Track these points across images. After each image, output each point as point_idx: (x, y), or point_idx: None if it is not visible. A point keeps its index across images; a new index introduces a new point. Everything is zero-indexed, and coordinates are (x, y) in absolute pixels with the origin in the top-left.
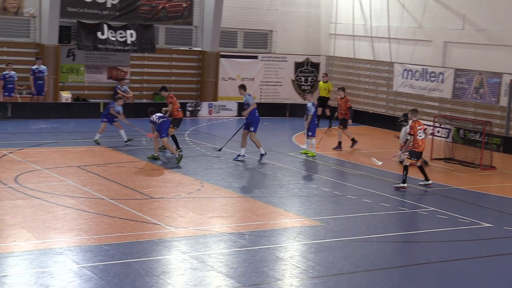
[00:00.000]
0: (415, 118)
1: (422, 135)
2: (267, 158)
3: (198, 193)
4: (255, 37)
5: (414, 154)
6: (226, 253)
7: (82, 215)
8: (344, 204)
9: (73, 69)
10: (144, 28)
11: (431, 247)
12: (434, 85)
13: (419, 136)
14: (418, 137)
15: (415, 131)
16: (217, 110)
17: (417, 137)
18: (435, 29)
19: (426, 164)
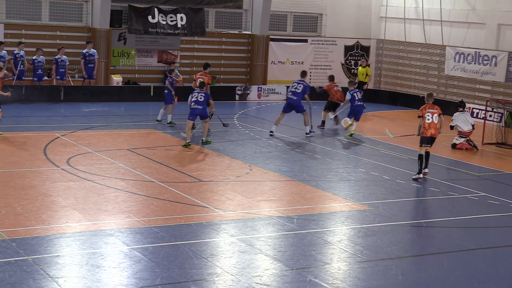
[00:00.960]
0: (431, 102)
1: (430, 118)
2: (316, 142)
3: (247, 177)
4: (304, 20)
5: (423, 139)
6: (274, 236)
7: (132, 198)
8: (394, 189)
9: (124, 52)
10: (194, 12)
11: (481, 233)
12: (486, 68)
13: (428, 120)
14: (426, 121)
15: (423, 113)
16: (266, 93)
17: (425, 120)
18: (489, 11)
19: (476, 148)
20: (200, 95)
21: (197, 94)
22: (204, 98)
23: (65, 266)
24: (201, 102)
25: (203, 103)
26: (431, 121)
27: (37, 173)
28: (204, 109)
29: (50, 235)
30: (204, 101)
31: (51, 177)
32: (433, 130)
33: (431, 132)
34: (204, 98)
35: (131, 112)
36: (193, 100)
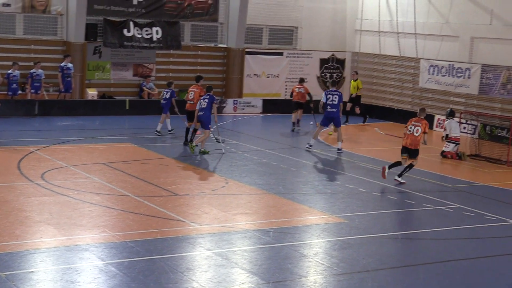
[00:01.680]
0: (421, 117)
1: (411, 130)
2: (292, 155)
3: (223, 190)
4: (280, 34)
5: (401, 149)
6: (250, 250)
7: (108, 212)
8: (369, 201)
9: (99, 66)
10: (169, 25)
11: (457, 245)
12: (460, 81)
13: (408, 131)
14: (407, 132)
15: (407, 124)
16: (242, 107)
17: (406, 131)
18: (462, 24)
19: (461, 159)
20: (203, 101)
21: (202, 100)
22: (207, 103)
23: (39, 282)
24: (203, 109)
25: (206, 109)
26: (410, 133)
27: (11, 188)
28: (206, 116)
29: (24, 250)
30: (208, 107)
31: (25, 192)
32: (409, 140)
33: (407, 142)
34: (208, 104)
35: (106, 126)
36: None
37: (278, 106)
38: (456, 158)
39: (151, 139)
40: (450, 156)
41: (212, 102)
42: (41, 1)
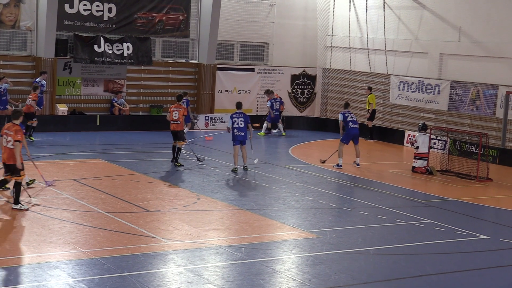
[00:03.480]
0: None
1: None
2: (264, 170)
3: (194, 206)
4: (251, 50)
5: None
6: (222, 266)
7: (78, 229)
8: (341, 217)
9: (70, 82)
10: (140, 41)
11: (427, 259)
12: (430, 97)
13: None
14: None
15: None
16: (214, 122)
17: None
18: (431, 41)
19: (432, 174)
20: (239, 120)
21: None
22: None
23: None
24: (242, 128)
25: (244, 128)
26: None
27: None
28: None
29: None
30: (245, 126)
31: None
32: None
33: None
34: (245, 123)
35: (77, 142)
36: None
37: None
38: (425, 173)
39: (122, 155)
40: (420, 172)
41: (247, 121)
42: (10, 16)
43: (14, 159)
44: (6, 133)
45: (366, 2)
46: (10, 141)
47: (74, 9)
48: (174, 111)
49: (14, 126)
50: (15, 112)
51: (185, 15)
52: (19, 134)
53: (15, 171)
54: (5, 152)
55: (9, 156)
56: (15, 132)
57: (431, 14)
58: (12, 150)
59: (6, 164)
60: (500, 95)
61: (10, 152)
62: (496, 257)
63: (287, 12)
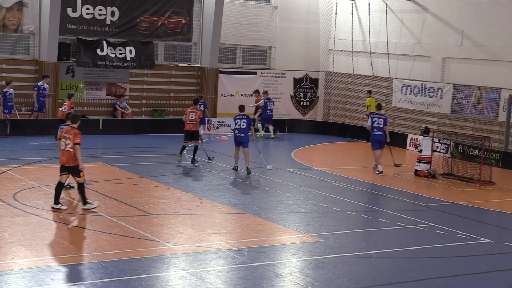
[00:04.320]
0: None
1: None
2: (266, 173)
3: (197, 210)
4: (254, 53)
5: None
6: (225, 269)
7: (81, 232)
8: (343, 220)
9: (72, 85)
10: (143, 45)
11: (430, 263)
12: (433, 100)
13: None
14: None
15: None
16: (216, 126)
17: None
18: (434, 44)
19: (434, 177)
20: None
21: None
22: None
23: None
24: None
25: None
26: None
27: None
28: None
29: None
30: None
31: None
32: None
33: None
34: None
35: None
36: None
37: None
38: (428, 177)
39: (124, 159)
40: (423, 175)
41: (250, 123)
42: (13, 20)
43: (74, 161)
44: (64, 137)
45: (368, 6)
46: (69, 144)
47: (76, 13)
48: (191, 112)
49: (72, 130)
50: (73, 116)
51: (188, 18)
52: (78, 137)
53: (75, 172)
54: (63, 155)
55: (68, 159)
56: (74, 135)
57: (433, 17)
58: (71, 152)
59: (65, 166)
60: (502, 99)
61: (69, 155)
62: (499, 261)
63: (289, 15)
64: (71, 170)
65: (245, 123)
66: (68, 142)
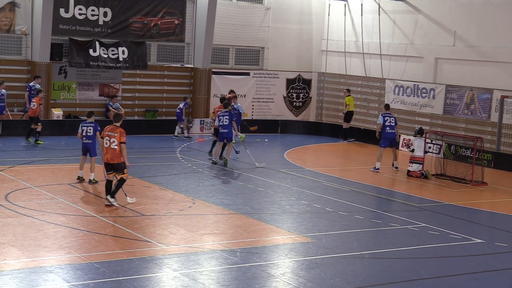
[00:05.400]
0: None
1: None
2: (258, 174)
3: (190, 210)
4: (247, 54)
5: None
6: (217, 270)
7: (73, 233)
8: (336, 221)
9: (65, 86)
10: (136, 45)
11: (423, 263)
12: (425, 101)
13: None
14: None
15: None
16: (209, 126)
17: None
18: (426, 45)
19: (427, 178)
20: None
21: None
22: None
23: None
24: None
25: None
26: None
27: None
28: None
29: None
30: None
31: None
32: None
33: None
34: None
35: (72, 146)
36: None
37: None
38: (420, 177)
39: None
40: (415, 176)
41: (232, 118)
42: (5, 21)
43: (119, 158)
44: (108, 135)
45: (361, 7)
46: (114, 142)
47: (69, 14)
48: (217, 111)
49: (117, 129)
50: (116, 115)
51: (181, 19)
52: (124, 136)
53: (119, 169)
54: (108, 153)
55: (113, 156)
56: (120, 134)
57: (426, 18)
58: (116, 150)
59: (110, 163)
60: (494, 99)
61: (113, 152)
62: (491, 261)
63: (282, 16)
64: (116, 167)
65: (227, 119)
66: (113, 140)
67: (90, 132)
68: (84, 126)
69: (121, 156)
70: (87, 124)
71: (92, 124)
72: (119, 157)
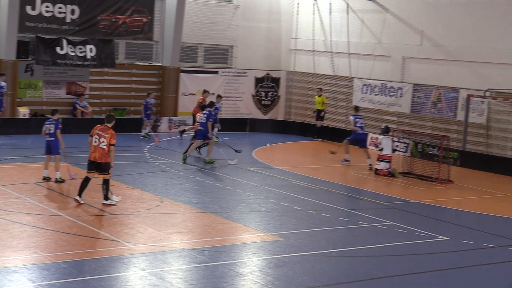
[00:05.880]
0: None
1: None
2: (227, 172)
3: (157, 209)
4: (215, 52)
5: None
6: (185, 269)
7: (39, 233)
8: (304, 219)
9: (31, 84)
10: (103, 43)
11: (390, 261)
12: (393, 99)
13: None
14: None
15: None
16: (177, 125)
17: None
18: (394, 44)
19: (394, 176)
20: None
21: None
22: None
23: None
24: (202, 124)
25: (204, 124)
26: None
27: None
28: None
29: None
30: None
31: None
32: None
33: None
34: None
35: (38, 144)
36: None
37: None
38: (388, 175)
39: (84, 158)
40: (383, 174)
41: (209, 118)
42: None
43: (106, 158)
44: (98, 134)
45: (330, 6)
46: (103, 142)
47: (36, 11)
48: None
49: (109, 130)
50: (108, 116)
51: (149, 17)
52: (114, 138)
53: (104, 169)
54: (96, 151)
55: (101, 156)
56: (111, 136)
57: (394, 17)
58: (105, 150)
59: (97, 162)
60: (461, 98)
61: (102, 152)
62: (456, 258)
63: (251, 14)
64: (103, 166)
65: (205, 118)
66: (103, 140)
67: (51, 129)
68: (47, 123)
69: (108, 156)
70: (49, 122)
71: (54, 122)
72: (107, 157)
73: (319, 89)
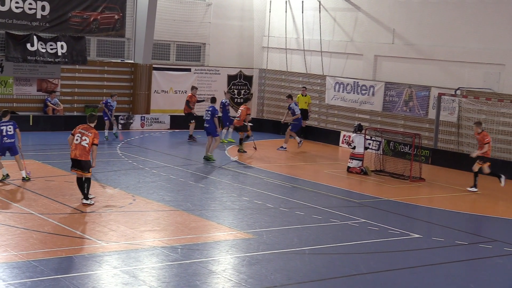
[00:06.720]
0: (480, 130)
1: None
2: (200, 170)
3: (130, 207)
4: (188, 50)
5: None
6: (158, 267)
7: (10, 231)
8: (277, 217)
9: (1, 81)
10: (75, 40)
11: (362, 259)
12: (365, 98)
13: None
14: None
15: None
16: (150, 123)
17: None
18: (366, 43)
19: (366, 174)
20: (207, 112)
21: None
22: (211, 115)
23: None
24: (208, 121)
25: (210, 121)
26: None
27: None
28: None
29: None
30: (211, 119)
31: None
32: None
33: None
34: (211, 116)
35: None
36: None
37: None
38: (360, 173)
39: (56, 156)
40: (355, 172)
41: (214, 114)
42: None
43: (86, 156)
44: (80, 132)
45: (302, 4)
46: (85, 140)
47: (5, 7)
48: (238, 109)
49: (91, 129)
50: (91, 116)
51: (121, 14)
52: (97, 138)
53: (85, 168)
54: (77, 149)
55: (81, 153)
56: (94, 136)
57: (366, 16)
58: (86, 148)
59: (78, 160)
60: (432, 97)
61: (83, 150)
62: (428, 256)
63: (223, 12)
64: (83, 164)
65: (210, 114)
66: (85, 138)
67: (11, 130)
68: (3, 125)
69: (89, 155)
70: (5, 123)
71: (11, 123)
72: (87, 155)
73: (304, 88)
